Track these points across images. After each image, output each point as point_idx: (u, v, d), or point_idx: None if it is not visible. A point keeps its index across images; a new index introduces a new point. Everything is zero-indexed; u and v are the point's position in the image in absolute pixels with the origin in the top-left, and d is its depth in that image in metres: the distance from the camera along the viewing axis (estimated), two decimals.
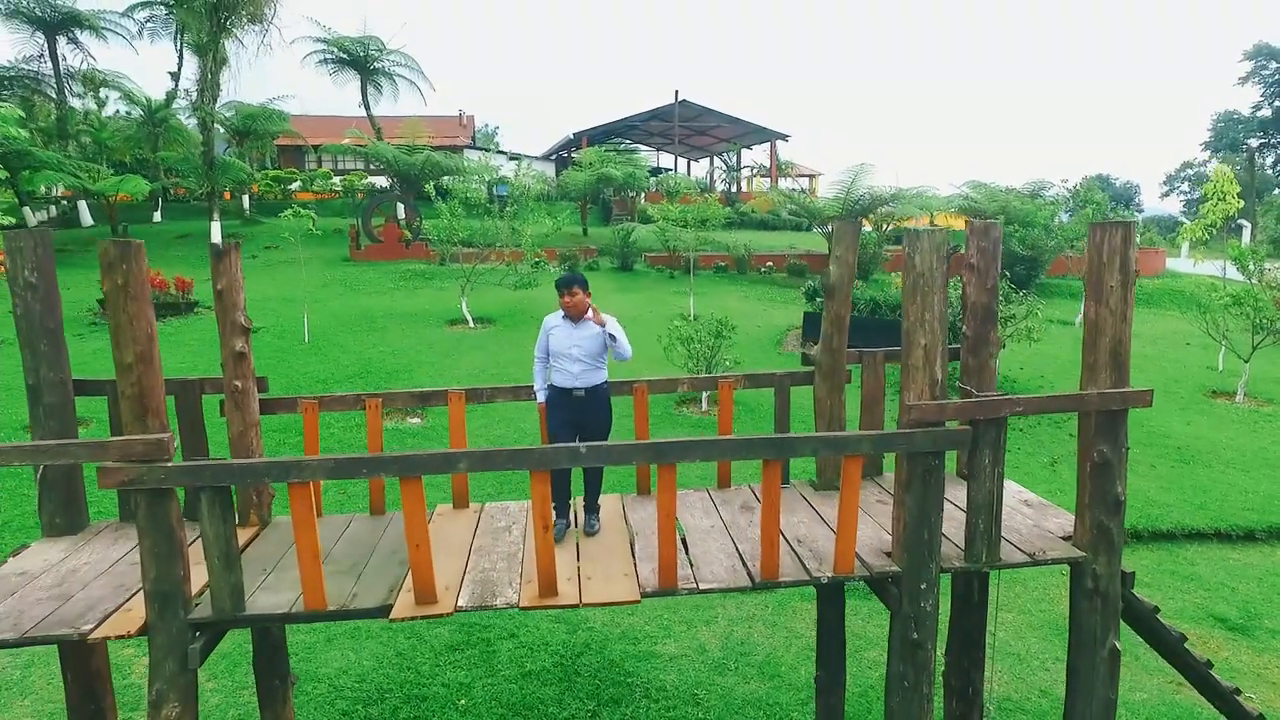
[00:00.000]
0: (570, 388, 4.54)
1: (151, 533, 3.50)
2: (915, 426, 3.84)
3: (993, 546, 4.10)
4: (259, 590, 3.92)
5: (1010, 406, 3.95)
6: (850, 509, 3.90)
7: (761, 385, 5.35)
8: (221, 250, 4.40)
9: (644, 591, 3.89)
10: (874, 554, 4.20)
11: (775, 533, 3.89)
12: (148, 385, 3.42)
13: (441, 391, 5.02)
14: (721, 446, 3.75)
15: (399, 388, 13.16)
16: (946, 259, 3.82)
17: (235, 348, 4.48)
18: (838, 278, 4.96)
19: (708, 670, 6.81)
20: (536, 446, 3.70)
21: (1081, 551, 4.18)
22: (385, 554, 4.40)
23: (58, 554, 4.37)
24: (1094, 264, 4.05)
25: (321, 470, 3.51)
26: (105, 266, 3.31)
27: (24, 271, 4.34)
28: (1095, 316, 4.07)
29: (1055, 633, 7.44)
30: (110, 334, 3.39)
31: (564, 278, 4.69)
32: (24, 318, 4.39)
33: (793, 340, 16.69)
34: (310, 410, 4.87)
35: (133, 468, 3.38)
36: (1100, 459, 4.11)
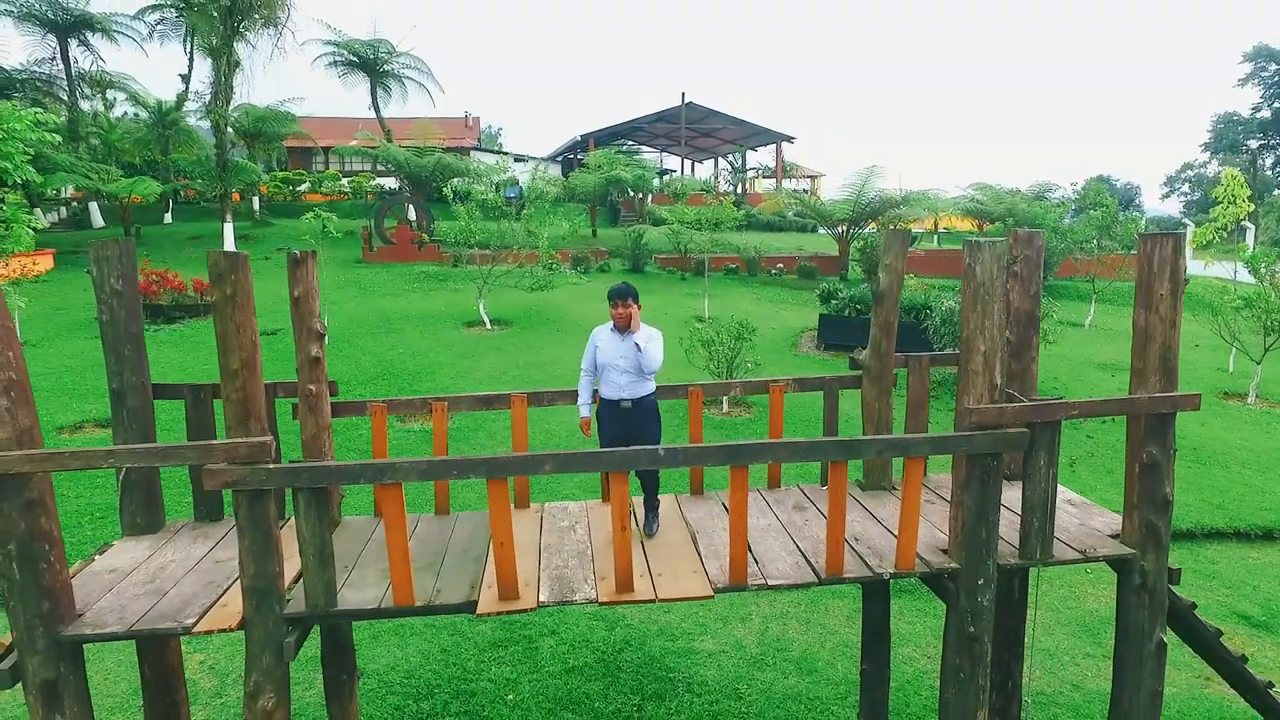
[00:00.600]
0: (618, 399, 4.62)
1: (251, 531, 3.66)
2: (975, 429, 4.00)
3: (1046, 544, 4.27)
4: (345, 587, 4.08)
5: (1065, 410, 4.12)
6: (912, 508, 4.07)
7: (810, 389, 5.51)
8: (298, 258, 4.56)
9: (715, 587, 4.06)
10: (930, 551, 4.37)
11: (841, 531, 4.06)
12: (251, 390, 3.58)
13: (505, 395, 5.19)
14: (792, 448, 3.92)
15: (421, 390, 13.33)
16: (1006, 269, 3.99)
17: (311, 353, 4.64)
18: (887, 285, 5.14)
19: (746, 666, 6.98)
20: (617, 449, 3.86)
21: (1131, 549, 4.35)
22: (458, 553, 4.56)
23: (143, 552, 4.53)
24: (1144, 273, 4.22)
25: (414, 472, 3.68)
26: (215, 277, 3.47)
27: (110, 279, 4.50)
28: (1145, 323, 4.24)
29: (1083, 629, 7.62)
30: (217, 341, 3.56)
31: (616, 289, 4.74)
32: (110, 324, 4.55)
33: (807, 342, 16.87)
34: (379, 413, 5.03)
35: (237, 469, 3.54)
36: (1149, 460, 4.28)
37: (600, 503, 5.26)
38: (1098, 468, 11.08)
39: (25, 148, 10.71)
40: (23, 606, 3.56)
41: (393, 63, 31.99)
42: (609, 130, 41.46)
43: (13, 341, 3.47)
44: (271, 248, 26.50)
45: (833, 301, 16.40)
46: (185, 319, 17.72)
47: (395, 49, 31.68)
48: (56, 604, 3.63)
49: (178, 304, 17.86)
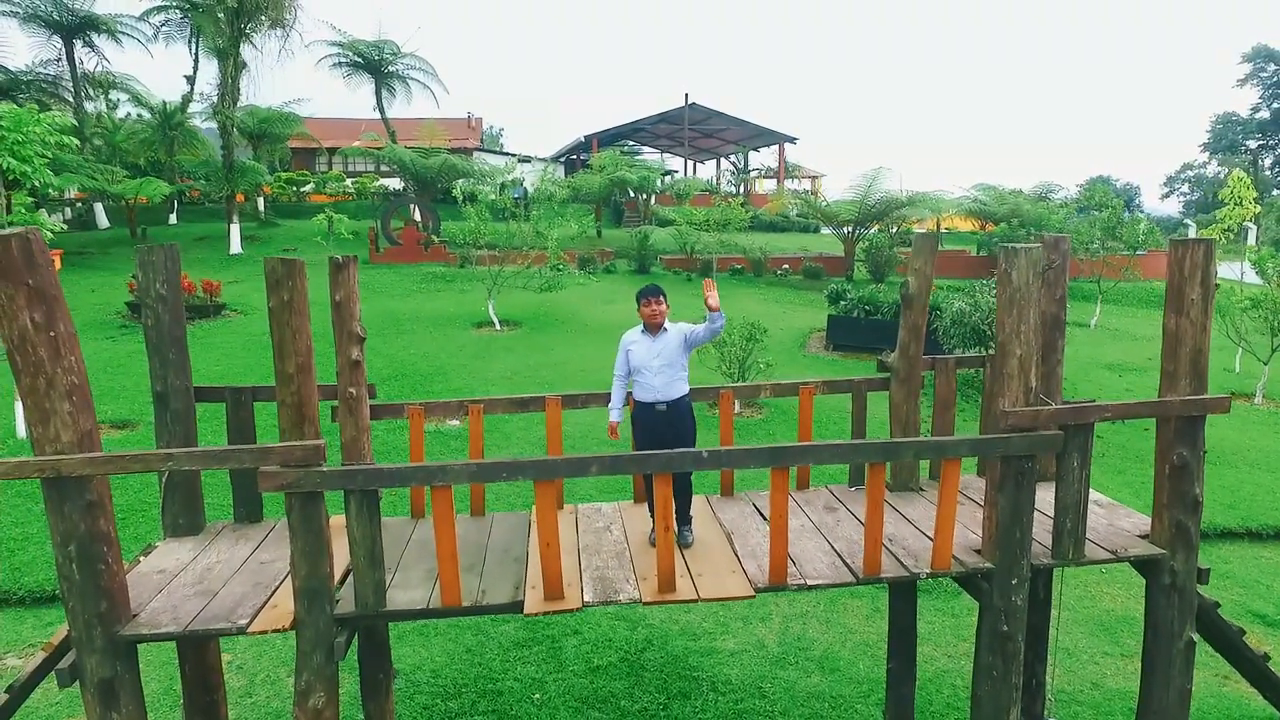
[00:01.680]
0: (653, 402, 4.62)
1: (304, 533, 3.73)
2: (1010, 431, 4.08)
3: (1079, 544, 4.35)
4: (391, 588, 4.16)
5: (1099, 413, 4.20)
6: (949, 509, 4.15)
7: (839, 391, 5.59)
8: (341, 263, 4.62)
9: (756, 587, 4.14)
10: (963, 551, 4.45)
11: (879, 531, 4.14)
12: (305, 394, 3.65)
13: (539, 398, 5.26)
14: (834, 450, 4.00)
15: (435, 390, 13.39)
16: (1042, 274, 4.06)
17: (351, 356, 4.70)
18: (916, 288, 5.21)
19: (769, 665, 7.05)
20: (664, 451, 3.94)
21: (1161, 549, 4.43)
22: (499, 553, 4.63)
23: (187, 553, 4.60)
24: (1175, 278, 4.30)
25: (465, 474, 3.75)
26: (272, 284, 3.54)
27: (156, 284, 4.57)
28: (1175, 327, 4.32)
29: (1100, 628, 7.71)
30: (274, 345, 3.63)
31: (646, 288, 4.76)
32: (154, 328, 4.62)
33: (816, 342, 16.95)
34: (416, 416, 5.10)
35: (292, 472, 3.61)
36: (1179, 461, 4.36)
37: (633, 504, 5.34)
38: (1109, 468, 11.15)
39: (44, 150, 10.74)
40: (82, 606, 3.62)
41: (397, 63, 32.07)
42: (612, 131, 41.54)
43: (74, 346, 3.54)
44: (277, 248, 26.57)
45: (841, 303, 16.48)
46: (194, 320, 17.75)
47: (400, 50, 31.76)
48: (114, 604, 3.70)
49: (187, 305, 17.86)
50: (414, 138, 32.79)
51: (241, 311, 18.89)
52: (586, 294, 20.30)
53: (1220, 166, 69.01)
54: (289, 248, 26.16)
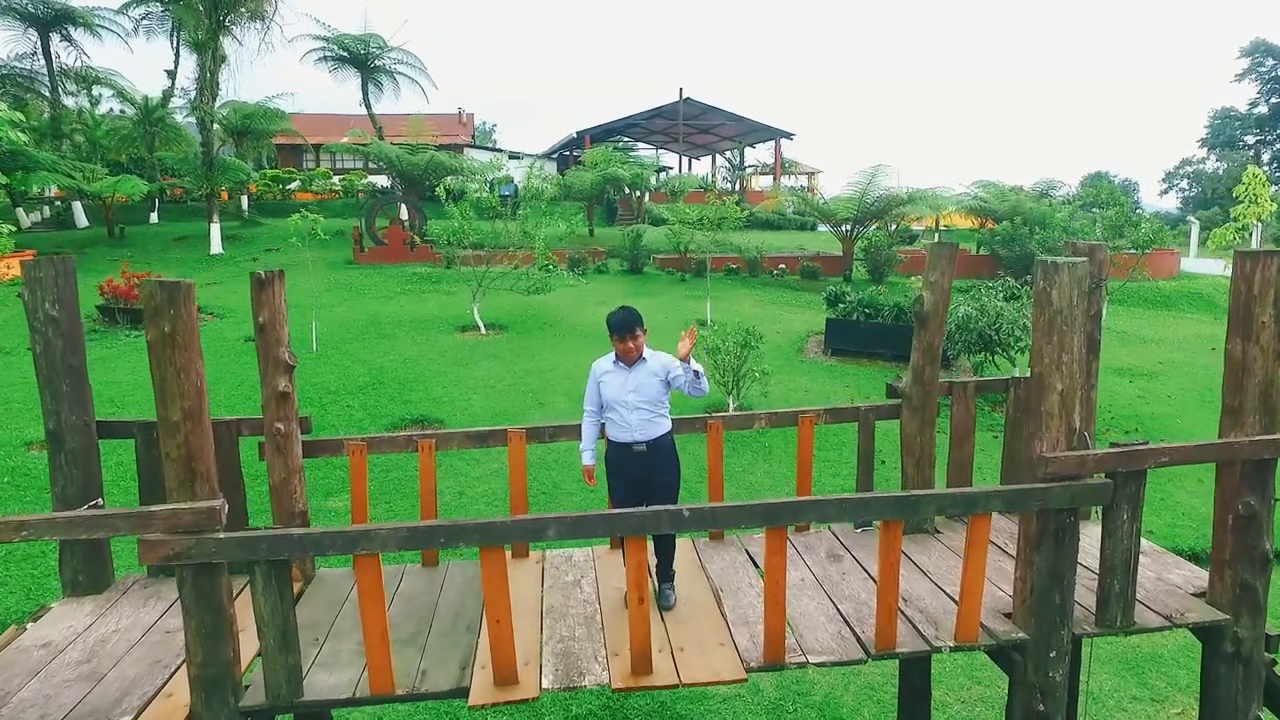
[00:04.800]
0: (629, 442, 3.96)
1: (198, 611, 3.06)
2: (1049, 480, 3.43)
3: (1128, 609, 3.70)
4: (315, 667, 3.49)
5: (1154, 458, 3.56)
6: (977, 572, 3.50)
7: (844, 420, 4.93)
8: (264, 279, 3.95)
9: (748, 666, 3.48)
10: (990, 615, 3.80)
11: (894, 599, 3.49)
12: (196, 446, 2.99)
13: (500, 431, 4.59)
14: (840, 505, 3.34)
15: (414, 399, 12.72)
16: (1089, 293, 3.41)
17: (278, 387, 4.04)
18: (932, 305, 4.55)
19: (764, 713, 6.41)
20: (635, 510, 3.28)
21: (1223, 613, 3.78)
22: (447, 618, 3.96)
23: (83, 618, 3.93)
24: (1241, 296, 3.65)
25: (394, 540, 3.09)
26: (150, 312, 2.86)
27: (44, 305, 3.90)
28: (1242, 355, 3.66)
29: (1126, 667, 7.08)
30: (155, 387, 2.96)
31: (619, 318, 3.99)
32: (44, 355, 3.94)
33: (814, 347, 16.29)
34: (358, 453, 4.43)
35: (180, 540, 2.95)
36: (1246, 511, 3.71)
37: (608, 549, 4.67)
38: None
39: None
40: None
41: (384, 58, 31.25)
42: (606, 127, 40.80)
43: None
44: (260, 248, 25.83)
45: (840, 305, 15.81)
46: None
47: (387, 44, 30.94)
48: None
49: None
50: (402, 134, 32.02)
51: (217, 315, 18.17)
52: (576, 296, 19.61)
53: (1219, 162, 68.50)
54: (271, 248, 25.42)
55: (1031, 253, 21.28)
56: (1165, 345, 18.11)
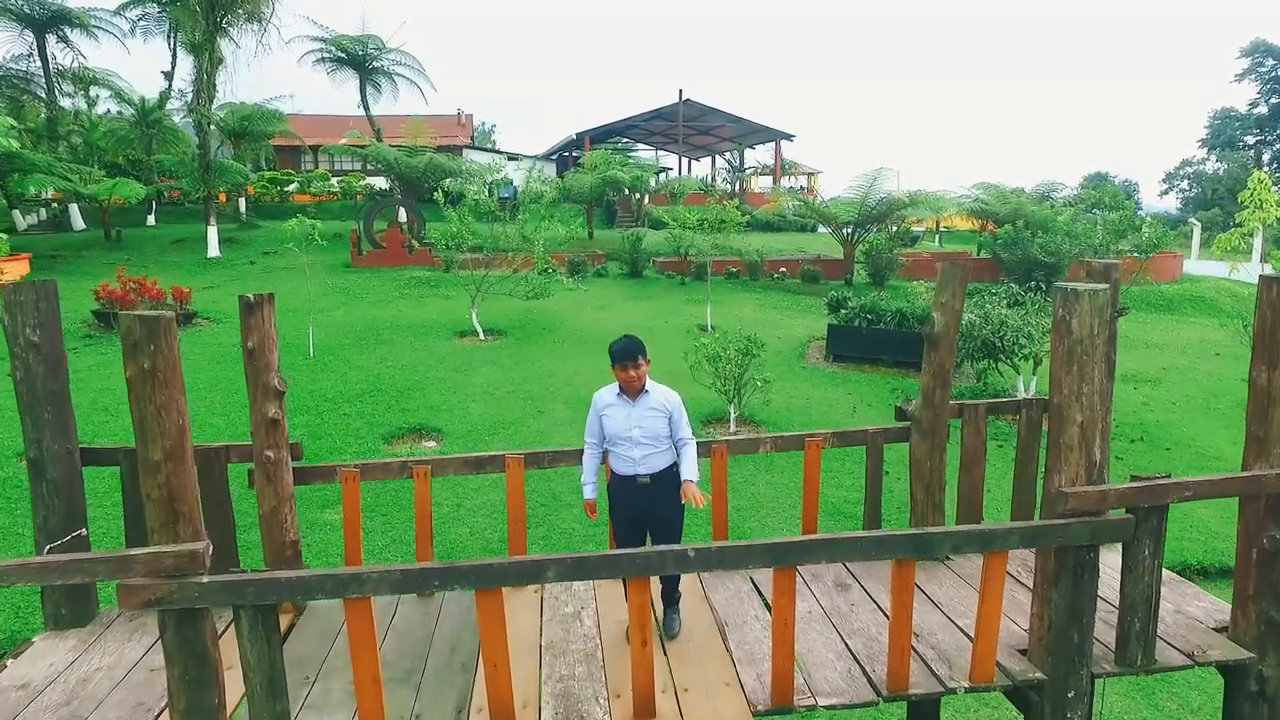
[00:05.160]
0: (633, 474, 3.86)
1: (181, 658, 2.93)
2: (1069, 516, 3.30)
3: (1149, 647, 3.57)
4: (305, 709, 3.36)
5: (1178, 492, 3.42)
6: (993, 610, 3.37)
7: (852, 443, 4.80)
8: (252, 303, 3.82)
9: (755, 709, 3.35)
10: (1008, 654, 3.66)
11: (907, 639, 3.36)
12: (178, 486, 2.85)
13: (498, 456, 4.45)
14: (853, 544, 3.20)
15: (412, 407, 12.58)
16: (1110, 323, 3.27)
17: (268, 414, 3.90)
18: (943, 326, 4.42)
19: None
20: (639, 550, 3.14)
21: (1248, 651, 3.65)
22: (443, 654, 3.83)
23: (65, 655, 3.79)
24: (1267, 323, 3.52)
25: (386, 584, 2.95)
26: (129, 347, 2.73)
27: (25, 330, 3.76)
28: (1268, 384, 3.53)
29: (1135, 688, 6.96)
30: (134, 425, 2.82)
31: (623, 346, 3.86)
32: (25, 382, 3.81)
33: (815, 352, 16.16)
34: (351, 480, 4.29)
35: (161, 584, 2.82)
36: (1271, 545, 3.58)
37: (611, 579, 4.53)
38: None
39: None
40: None
41: (382, 59, 31.09)
42: (605, 128, 40.65)
43: None
44: (258, 251, 25.66)
45: (841, 311, 15.68)
46: None
47: (385, 45, 30.79)
48: None
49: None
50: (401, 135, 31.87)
51: (214, 320, 18.02)
52: (575, 300, 19.46)
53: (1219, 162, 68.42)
54: (269, 250, 25.25)
55: (1033, 256, 21.17)
56: (1169, 350, 17.99)
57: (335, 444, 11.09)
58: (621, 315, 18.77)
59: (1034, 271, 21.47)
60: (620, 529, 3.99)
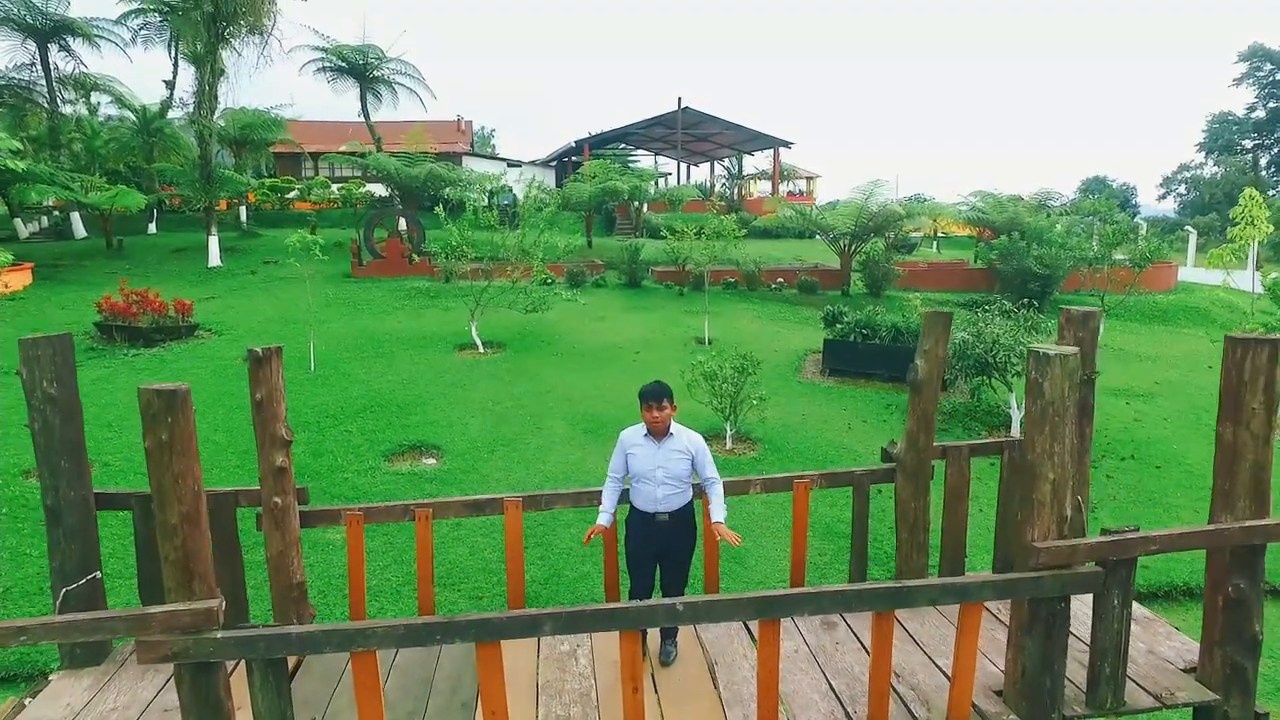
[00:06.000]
0: (654, 512, 4.14)
1: (197, 709, 3.09)
2: (1041, 569, 3.46)
3: (1118, 690, 3.73)
4: None
5: (1144, 547, 3.58)
6: (968, 657, 3.53)
7: (840, 484, 4.96)
8: (260, 356, 3.98)
9: None
10: (985, 695, 3.83)
11: (886, 686, 3.51)
12: (193, 549, 3.01)
13: (497, 499, 4.61)
14: (833, 598, 3.36)
15: (412, 423, 12.73)
16: (1080, 385, 3.44)
17: (275, 463, 4.06)
18: (926, 373, 4.59)
19: None
20: (630, 605, 3.30)
21: (1213, 693, 3.81)
22: (444, 693, 3.99)
23: (81, 695, 3.95)
24: (1232, 382, 3.68)
25: (391, 638, 3.11)
26: (149, 420, 2.89)
27: (43, 383, 3.92)
28: (1234, 440, 3.70)
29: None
30: (153, 491, 2.98)
31: (652, 389, 4.18)
32: (42, 432, 3.97)
33: (811, 366, 16.32)
34: (355, 523, 4.45)
35: (178, 640, 2.97)
36: (1236, 594, 3.75)
37: None
38: (1120, 513, 10.56)
39: None
40: None
41: (383, 68, 31.27)
42: (604, 136, 40.84)
43: None
44: (258, 260, 25.81)
45: (837, 325, 15.84)
46: (166, 342, 17.03)
47: (385, 54, 30.96)
48: None
49: (158, 326, 17.17)
50: (401, 142, 32.04)
51: (215, 332, 18.17)
52: (575, 312, 19.61)
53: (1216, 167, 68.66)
54: (269, 260, 25.41)
55: (1028, 268, 21.34)
56: (1162, 363, 18.15)
57: (336, 461, 11.25)
58: (620, 328, 18.92)
59: (1029, 283, 21.66)
60: (634, 558, 4.25)
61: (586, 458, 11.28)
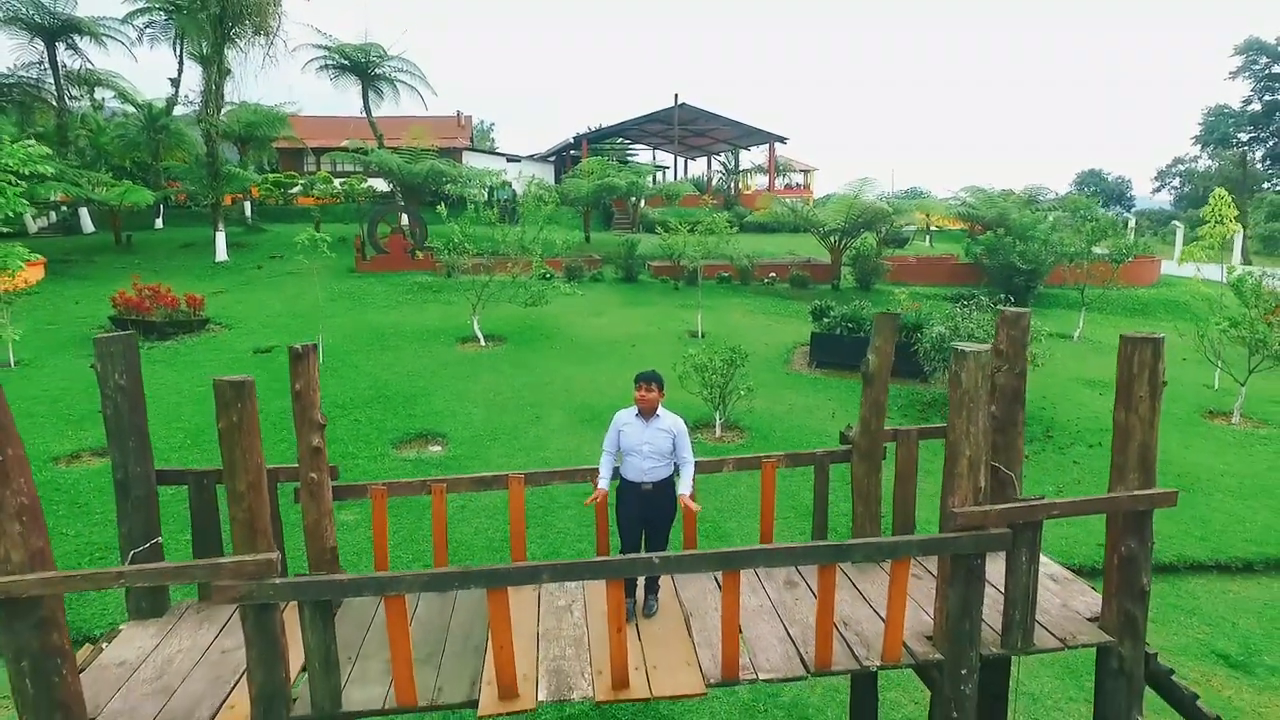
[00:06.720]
0: (639, 482, 4.84)
1: (259, 641, 3.77)
2: (959, 530, 4.14)
3: (1027, 634, 4.43)
4: (349, 683, 4.21)
5: (1046, 511, 4.27)
6: (899, 605, 4.22)
7: (802, 464, 5.65)
8: (300, 353, 4.64)
9: (708, 682, 4.20)
10: (916, 639, 4.52)
11: (830, 626, 4.21)
12: (256, 510, 3.69)
13: (503, 476, 5.29)
14: (786, 553, 4.05)
15: (418, 413, 13.41)
16: (990, 377, 4.11)
17: (312, 443, 4.72)
18: (876, 367, 5.26)
19: (739, 713, 7.12)
20: (615, 558, 3.99)
21: (1109, 636, 4.51)
22: (459, 639, 4.68)
23: (149, 640, 4.64)
24: (1124, 374, 4.36)
25: (418, 584, 3.79)
26: (222, 405, 3.57)
27: (114, 375, 4.59)
28: (1125, 423, 4.38)
29: (1067, 671, 7.81)
30: (224, 465, 3.66)
31: (645, 373, 4.96)
32: (114, 418, 4.64)
33: (800, 359, 17.00)
34: (379, 497, 5.13)
35: (245, 585, 3.65)
36: (1128, 553, 4.43)
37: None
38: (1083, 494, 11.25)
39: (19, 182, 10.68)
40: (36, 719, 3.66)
41: (384, 66, 31.84)
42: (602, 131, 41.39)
43: (24, 469, 3.55)
44: (264, 255, 26.41)
45: (824, 320, 16.51)
46: (179, 335, 17.70)
47: (386, 53, 31.53)
48: (69, 714, 3.74)
49: (171, 320, 17.82)
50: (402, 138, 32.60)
51: (226, 325, 18.82)
52: (573, 305, 20.25)
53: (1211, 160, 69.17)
54: (275, 255, 26.02)
55: (1013, 264, 22.00)
56: None
57: (348, 449, 11.93)
58: (617, 322, 19.58)
59: (1014, 277, 22.33)
60: (623, 523, 4.96)
61: (583, 445, 11.96)
